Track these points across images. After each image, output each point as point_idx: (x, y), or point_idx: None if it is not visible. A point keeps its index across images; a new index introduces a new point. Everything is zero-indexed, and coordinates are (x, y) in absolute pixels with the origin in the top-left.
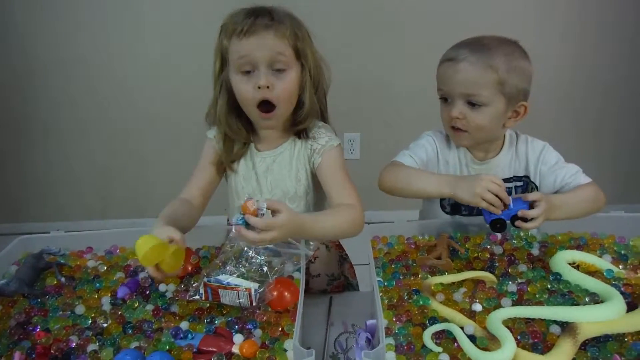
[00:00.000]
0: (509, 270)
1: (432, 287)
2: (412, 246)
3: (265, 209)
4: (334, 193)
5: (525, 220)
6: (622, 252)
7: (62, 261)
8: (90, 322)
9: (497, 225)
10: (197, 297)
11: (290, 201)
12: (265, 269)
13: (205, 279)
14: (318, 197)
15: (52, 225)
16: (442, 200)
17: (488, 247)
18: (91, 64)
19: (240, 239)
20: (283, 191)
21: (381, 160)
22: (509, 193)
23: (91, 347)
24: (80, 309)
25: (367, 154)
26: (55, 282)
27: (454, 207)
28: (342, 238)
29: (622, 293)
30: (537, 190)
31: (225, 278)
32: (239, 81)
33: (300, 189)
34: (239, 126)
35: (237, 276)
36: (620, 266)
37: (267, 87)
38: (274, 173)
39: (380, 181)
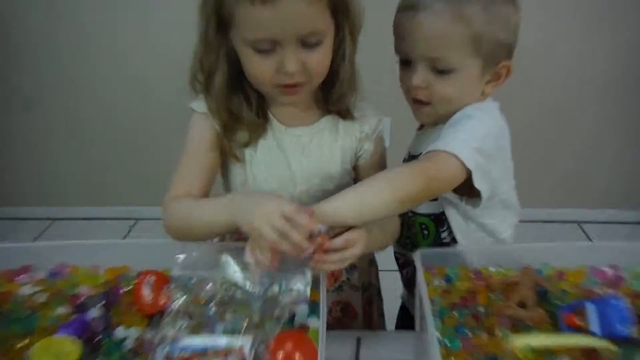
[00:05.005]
0: None
1: (518, 354)
2: (482, 283)
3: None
4: None
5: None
6: None
7: None
8: None
9: None
10: None
11: (336, 192)
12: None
13: (166, 349)
14: None
15: None
16: None
17: (597, 289)
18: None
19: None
20: (326, 179)
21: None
22: None
23: None
24: None
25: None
26: None
27: None
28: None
29: None
30: None
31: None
32: (253, 60)
33: (346, 177)
34: (243, 110)
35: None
36: None
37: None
38: (312, 155)
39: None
